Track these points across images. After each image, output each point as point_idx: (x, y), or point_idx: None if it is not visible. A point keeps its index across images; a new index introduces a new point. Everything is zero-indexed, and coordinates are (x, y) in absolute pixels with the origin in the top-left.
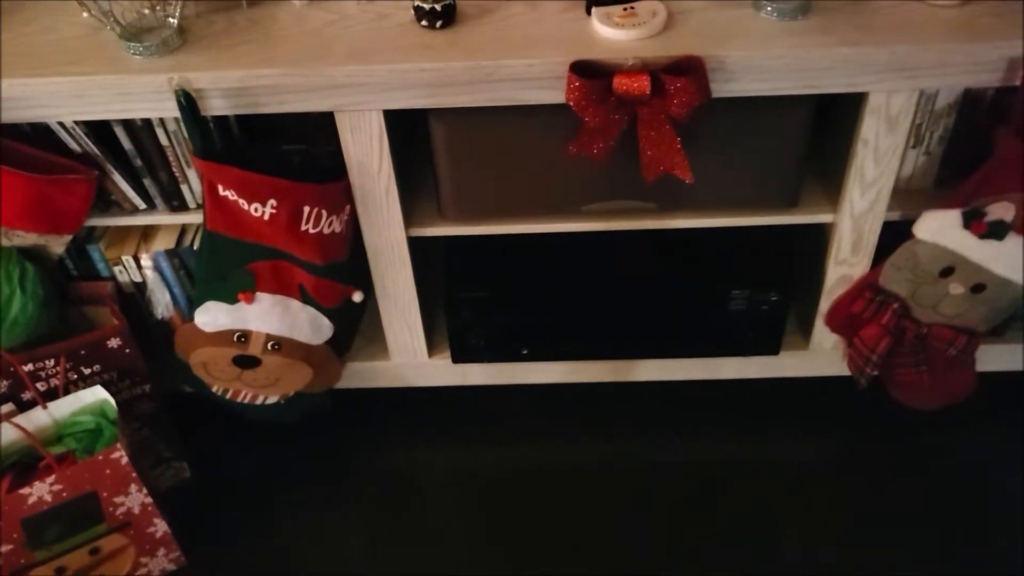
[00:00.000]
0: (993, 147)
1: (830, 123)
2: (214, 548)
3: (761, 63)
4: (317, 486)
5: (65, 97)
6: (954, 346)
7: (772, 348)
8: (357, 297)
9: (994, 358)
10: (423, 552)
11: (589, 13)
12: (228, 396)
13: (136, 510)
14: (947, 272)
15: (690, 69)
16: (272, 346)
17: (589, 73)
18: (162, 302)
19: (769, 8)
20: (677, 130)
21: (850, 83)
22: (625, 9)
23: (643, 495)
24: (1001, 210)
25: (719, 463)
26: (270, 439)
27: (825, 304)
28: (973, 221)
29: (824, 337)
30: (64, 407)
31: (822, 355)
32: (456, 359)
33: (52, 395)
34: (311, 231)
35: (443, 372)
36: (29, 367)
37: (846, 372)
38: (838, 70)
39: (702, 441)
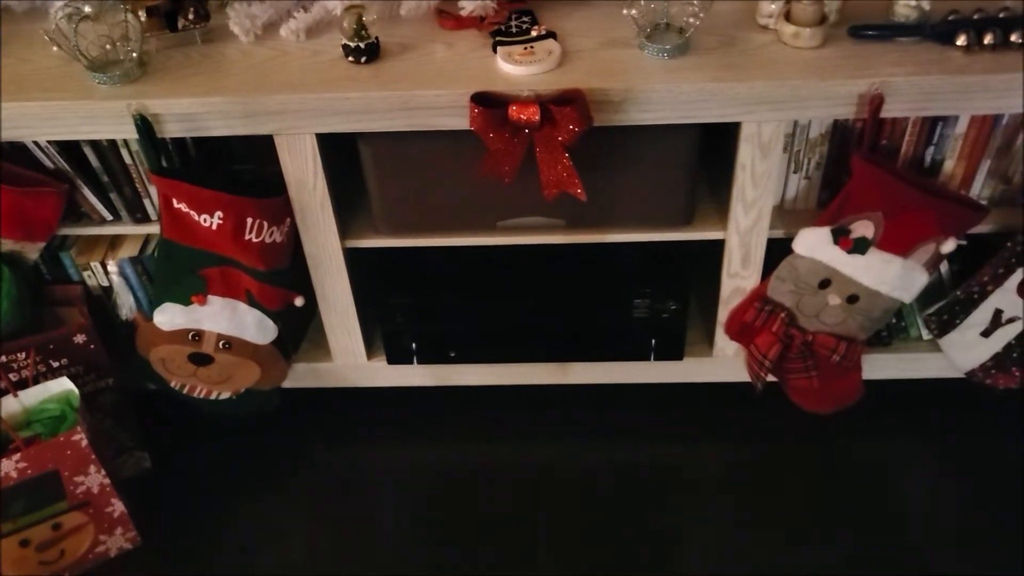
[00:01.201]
0: (850, 171)
1: (722, 149)
2: (170, 532)
3: (640, 96)
4: (266, 479)
5: (39, 120)
6: (837, 352)
7: (676, 354)
8: (299, 302)
9: (883, 367)
10: (359, 540)
11: (495, 51)
12: (185, 391)
13: (95, 490)
14: (825, 284)
15: (573, 100)
16: (223, 345)
17: (488, 103)
18: (126, 304)
19: (651, 49)
20: (571, 154)
21: (722, 114)
22: (525, 48)
23: (555, 494)
24: (862, 227)
25: (634, 464)
26: (225, 434)
27: (723, 314)
28: (840, 237)
29: (726, 344)
30: (33, 396)
31: (725, 362)
32: (391, 361)
33: (23, 385)
34: (254, 240)
35: (381, 373)
36: (3, 359)
37: (747, 377)
38: (709, 102)
39: (618, 443)
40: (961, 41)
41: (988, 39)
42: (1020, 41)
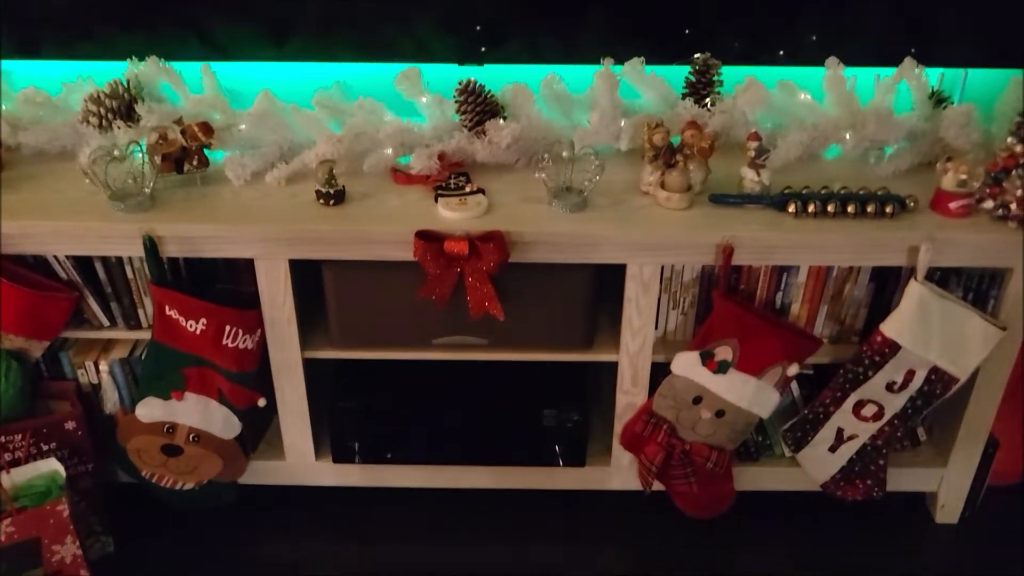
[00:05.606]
0: (712, 305)
1: (616, 288)
2: None
3: (548, 239)
4: (216, 568)
5: (66, 237)
6: (711, 460)
7: (578, 460)
8: (261, 402)
9: (755, 479)
10: None
11: (436, 201)
12: (154, 480)
13: (68, 560)
14: (698, 400)
15: (494, 238)
16: (193, 438)
17: (429, 239)
18: (111, 400)
19: (558, 204)
20: (493, 284)
21: (612, 256)
22: (460, 200)
23: None
24: (724, 352)
25: (548, 564)
26: (182, 525)
27: (618, 427)
28: (707, 360)
29: (621, 455)
30: (23, 473)
31: (621, 470)
32: (336, 459)
33: (15, 463)
34: (230, 345)
35: (326, 473)
36: (1, 439)
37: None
38: (601, 247)
39: (526, 545)
40: (791, 209)
41: (811, 208)
42: (833, 211)
